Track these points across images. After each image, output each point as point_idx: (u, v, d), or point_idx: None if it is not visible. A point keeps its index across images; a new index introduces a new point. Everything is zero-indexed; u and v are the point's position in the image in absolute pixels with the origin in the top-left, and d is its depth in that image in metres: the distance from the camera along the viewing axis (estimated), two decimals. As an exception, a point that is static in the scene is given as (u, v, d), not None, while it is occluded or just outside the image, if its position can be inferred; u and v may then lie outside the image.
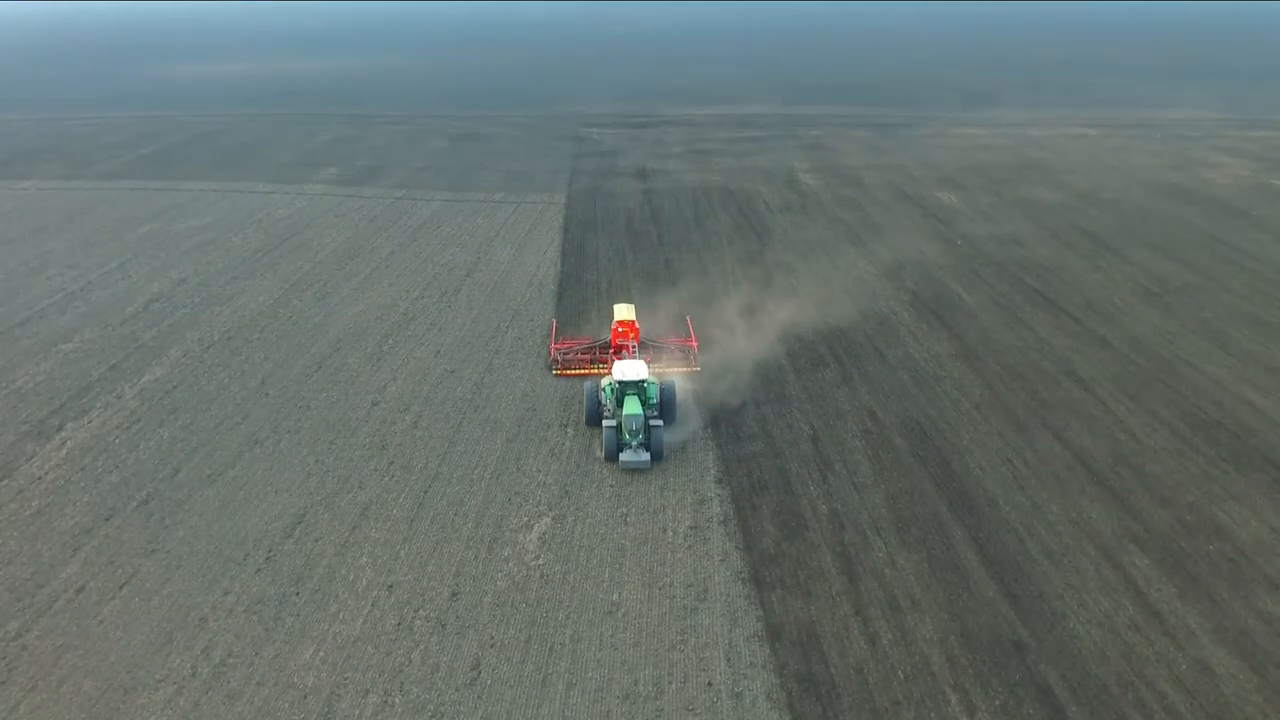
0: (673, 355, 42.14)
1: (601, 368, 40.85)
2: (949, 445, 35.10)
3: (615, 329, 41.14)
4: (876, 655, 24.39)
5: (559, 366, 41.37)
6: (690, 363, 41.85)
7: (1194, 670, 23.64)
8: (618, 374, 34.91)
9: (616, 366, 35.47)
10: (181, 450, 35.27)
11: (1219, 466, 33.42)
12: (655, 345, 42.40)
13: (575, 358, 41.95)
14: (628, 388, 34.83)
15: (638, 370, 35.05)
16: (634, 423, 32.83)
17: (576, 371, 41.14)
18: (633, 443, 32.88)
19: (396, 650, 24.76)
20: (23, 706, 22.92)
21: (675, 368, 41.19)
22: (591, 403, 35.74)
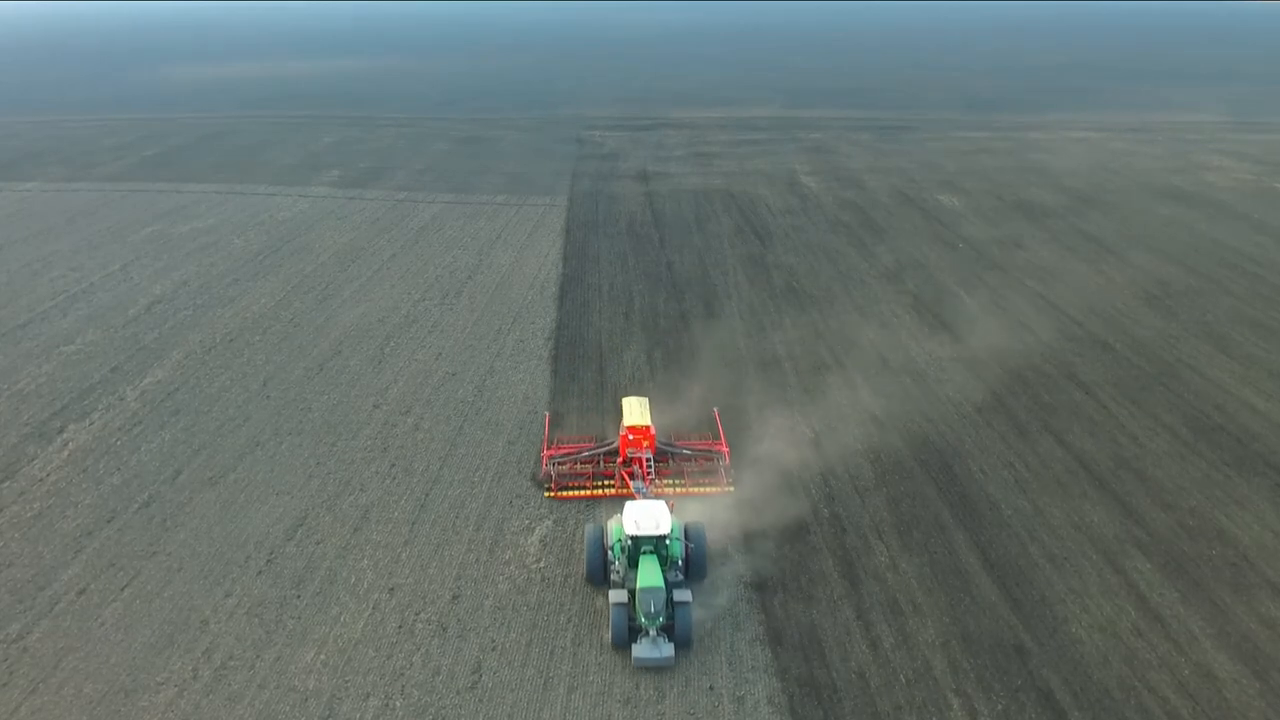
0: (696, 466, 32.81)
1: (607, 485, 31.72)
2: (950, 449, 35.06)
3: (625, 436, 32.17)
4: (878, 659, 24.35)
5: (553, 485, 31.76)
6: (720, 479, 32.17)
7: (1197, 675, 23.59)
8: (630, 525, 25.72)
9: (629, 512, 26.20)
10: (183, 452, 35.27)
11: (1221, 470, 33.36)
12: (674, 452, 33.19)
13: (573, 470, 32.36)
14: (643, 544, 25.82)
15: (657, 519, 25.77)
16: (652, 601, 23.92)
17: (575, 494, 31.35)
18: (651, 628, 23.87)
19: (398, 653, 24.74)
20: (24, 709, 22.91)
21: (702, 487, 31.73)
22: (594, 555, 26.65)
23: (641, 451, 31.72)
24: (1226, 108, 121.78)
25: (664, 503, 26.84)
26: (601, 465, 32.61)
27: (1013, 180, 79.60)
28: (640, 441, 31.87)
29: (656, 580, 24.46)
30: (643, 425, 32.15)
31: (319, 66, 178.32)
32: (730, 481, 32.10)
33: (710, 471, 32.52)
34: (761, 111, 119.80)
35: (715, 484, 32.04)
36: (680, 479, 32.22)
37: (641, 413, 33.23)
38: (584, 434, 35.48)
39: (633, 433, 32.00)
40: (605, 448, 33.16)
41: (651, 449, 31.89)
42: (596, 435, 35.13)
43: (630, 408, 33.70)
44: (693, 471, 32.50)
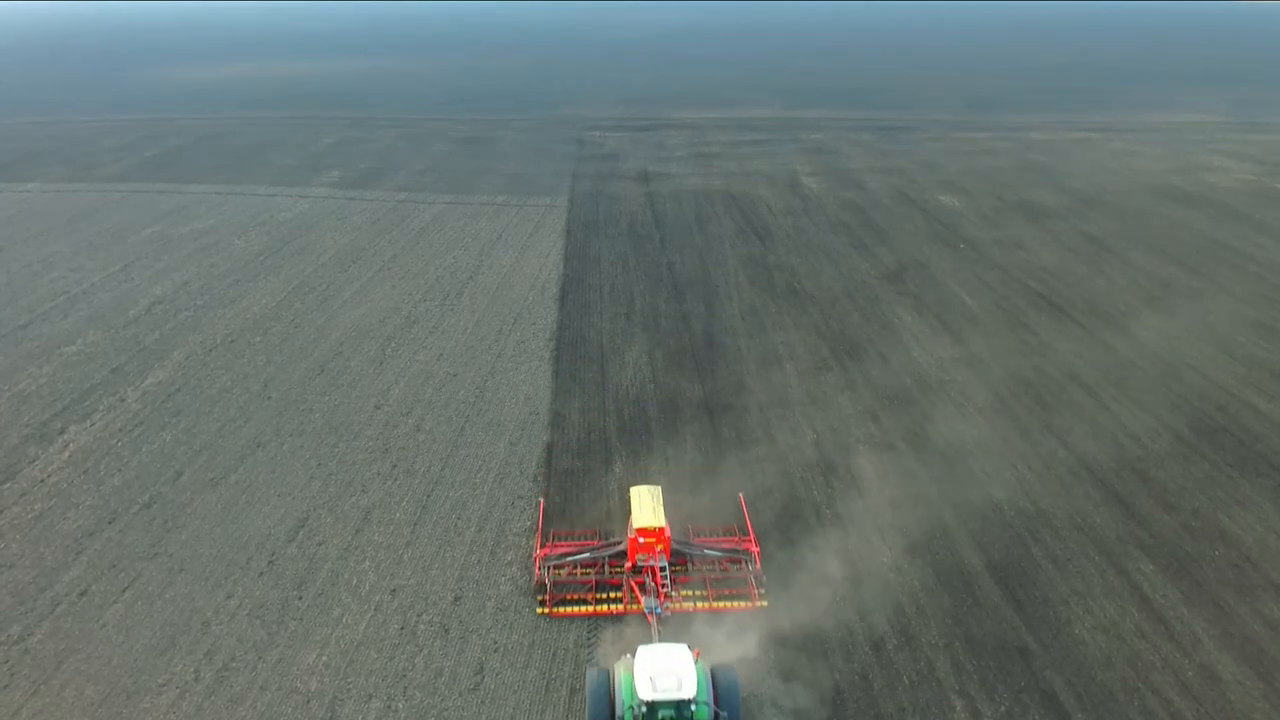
0: (721, 570, 27.49)
1: (614, 596, 26.37)
2: (952, 449, 35.02)
3: (635, 539, 26.57)
4: (881, 662, 24.30)
5: (548, 597, 26.06)
6: (749, 588, 26.63)
7: (1200, 677, 23.55)
8: (645, 686, 19.98)
9: (642, 665, 20.41)
10: (184, 453, 35.23)
11: (1224, 471, 33.33)
12: (694, 554, 27.68)
13: (572, 577, 26.87)
14: (661, 710, 19.91)
15: (679, 677, 19.97)
16: None
17: (574, 610, 25.88)
18: None
19: (399, 655, 24.70)
20: (25, 710, 22.87)
21: (729, 600, 26.27)
22: (598, 708, 20.89)
23: (654, 559, 26.10)
24: (1228, 108, 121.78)
25: (686, 650, 20.83)
26: (607, 572, 27.06)
27: (1013, 180, 79.58)
28: (653, 546, 26.23)
29: None
30: (655, 527, 26.25)
31: (318, 67, 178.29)
32: (763, 594, 26.25)
33: (737, 580, 26.88)
34: (762, 112, 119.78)
35: (744, 595, 26.31)
36: (702, 589, 26.53)
37: (654, 509, 26.95)
38: (586, 528, 29.84)
39: (644, 535, 26.26)
40: (611, 548, 27.59)
41: (666, 554, 26.40)
42: (600, 530, 29.63)
43: (640, 501, 27.44)
44: (716, 580, 26.92)
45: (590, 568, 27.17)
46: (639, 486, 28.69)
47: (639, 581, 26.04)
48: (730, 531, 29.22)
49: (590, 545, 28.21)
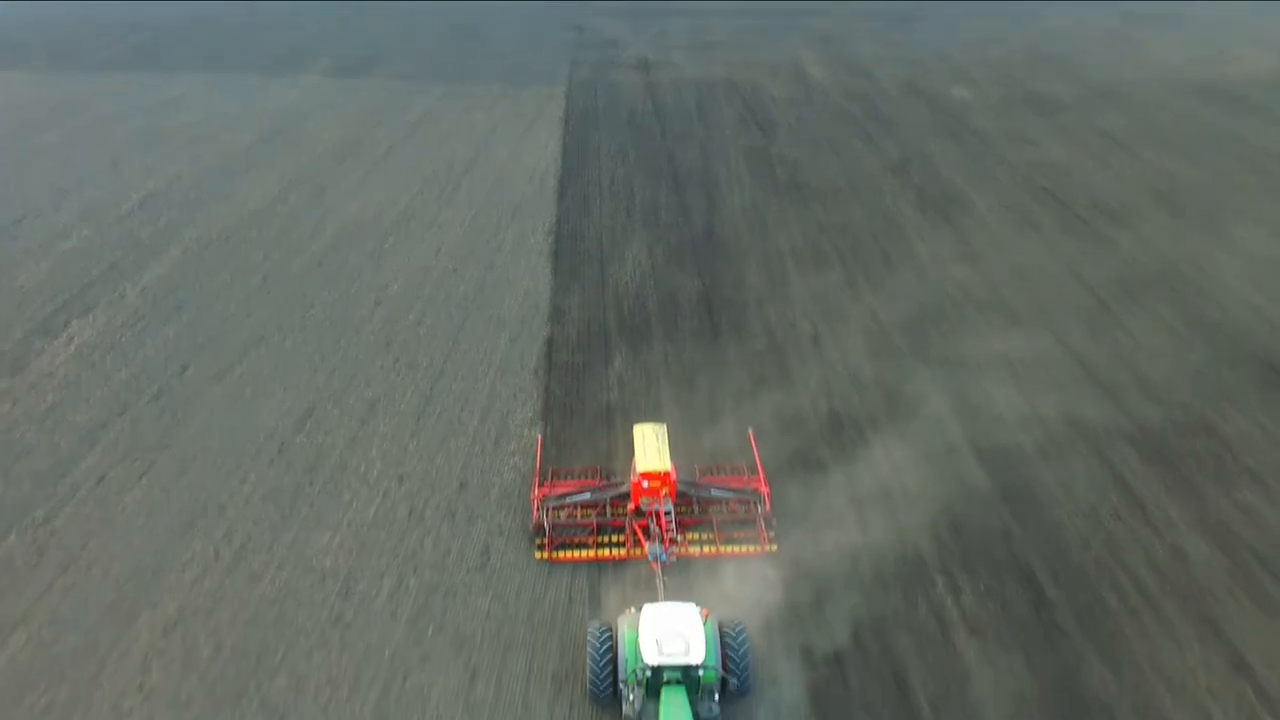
0: (728, 511, 26.22)
1: (617, 539, 25.14)
2: (949, 345, 35.39)
3: (638, 483, 25.14)
4: (869, 543, 25.36)
5: (546, 542, 24.86)
6: (759, 532, 25.38)
7: (1170, 556, 24.70)
8: (650, 650, 19.21)
9: (648, 626, 19.67)
10: (187, 348, 35.64)
11: (1214, 367, 33.79)
12: (700, 495, 26.30)
13: (572, 520, 25.77)
14: (668, 675, 19.20)
15: (686, 640, 19.26)
16: None
17: (575, 555, 24.70)
18: None
19: (409, 537, 25.82)
20: (57, 586, 24.11)
21: (737, 545, 24.97)
22: (600, 667, 20.01)
23: (659, 503, 24.63)
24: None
25: (695, 610, 20.00)
26: (609, 514, 25.94)
27: (1026, 72, 76.84)
28: (657, 490, 24.75)
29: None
30: (661, 470, 24.84)
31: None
32: (773, 537, 25.10)
33: (746, 522, 25.78)
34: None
35: (753, 540, 25.06)
36: (709, 532, 25.43)
37: (659, 450, 25.52)
38: (586, 465, 28.41)
39: (648, 479, 24.84)
40: (614, 489, 26.22)
41: (672, 497, 24.81)
42: (602, 467, 28.39)
43: (644, 442, 25.95)
44: (724, 522, 25.77)
45: (591, 509, 25.87)
46: (643, 425, 27.04)
47: (642, 525, 24.63)
48: (738, 471, 27.59)
49: (591, 485, 26.62)
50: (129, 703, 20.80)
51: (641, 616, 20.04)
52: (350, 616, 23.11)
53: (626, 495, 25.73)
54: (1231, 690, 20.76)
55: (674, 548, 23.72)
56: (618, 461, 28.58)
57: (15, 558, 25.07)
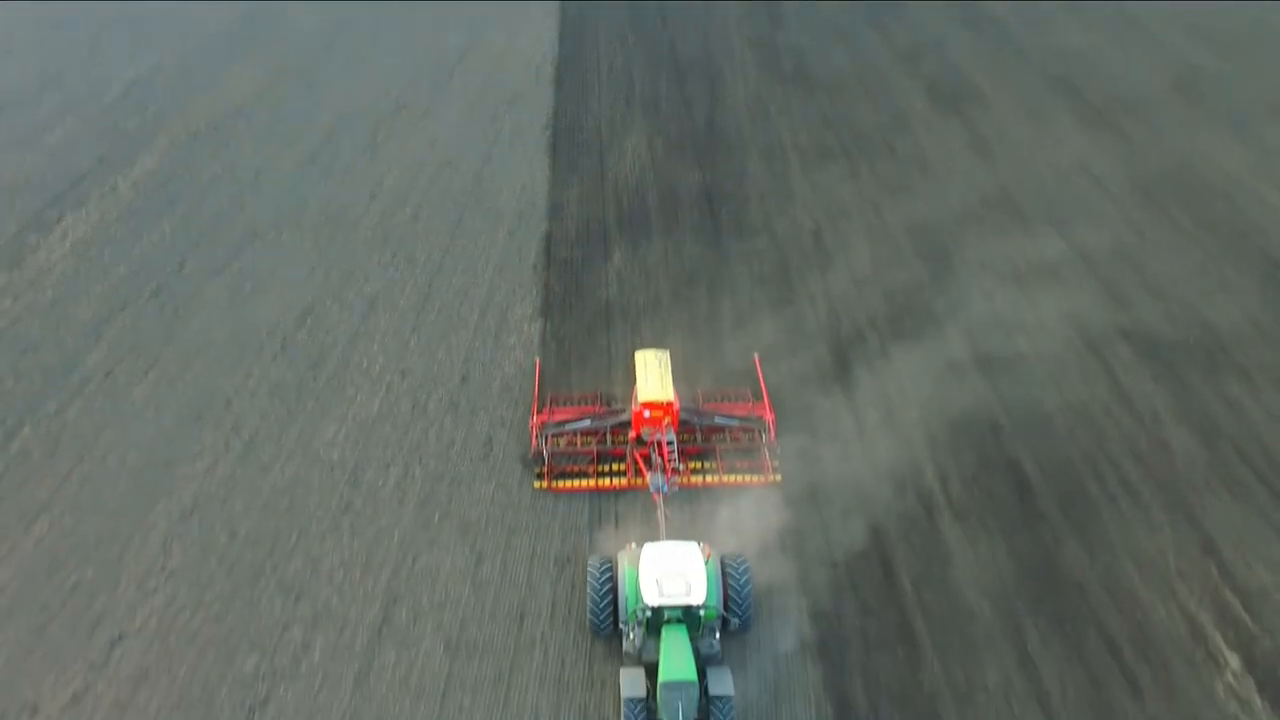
0: (732, 438, 25.48)
1: (617, 468, 24.68)
2: (950, 239, 35.10)
3: (640, 413, 24.32)
4: (864, 439, 26.01)
5: (546, 470, 24.47)
6: (763, 462, 24.87)
7: (1153, 447, 25.40)
8: (651, 591, 18.88)
9: (648, 565, 19.29)
10: (183, 243, 35.41)
11: (1217, 262, 33.64)
12: (702, 423, 25.55)
13: (571, 447, 25.10)
14: (669, 615, 18.99)
15: (688, 580, 18.93)
16: (681, 701, 17.49)
17: (575, 485, 24.32)
18: None
19: (414, 428, 26.48)
20: (74, 475, 24.95)
21: (740, 474, 24.58)
22: (600, 600, 19.84)
23: (661, 433, 24.00)
24: None
25: (696, 550, 19.66)
26: (609, 442, 25.24)
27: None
28: (659, 419, 24.08)
29: (686, 672, 17.58)
30: (663, 400, 24.09)
31: None
32: (777, 467, 24.63)
33: (750, 450, 25.16)
34: None
35: (756, 469, 24.70)
36: (711, 460, 25.02)
37: (662, 378, 24.75)
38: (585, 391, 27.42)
39: (650, 409, 24.10)
40: (614, 417, 25.46)
41: (674, 427, 24.15)
42: (602, 392, 27.42)
43: (646, 369, 25.13)
44: (727, 451, 25.17)
45: (591, 436, 25.13)
46: (644, 351, 26.12)
47: (643, 454, 24.07)
48: (743, 397, 26.70)
49: (591, 412, 25.88)
50: (153, 582, 21.92)
51: (642, 555, 19.50)
52: (359, 504, 24.03)
53: (627, 423, 24.78)
54: (1198, 569, 21.82)
55: (676, 478, 23.13)
56: (618, 371, 28.40)
57: (32, 449, 25.81)
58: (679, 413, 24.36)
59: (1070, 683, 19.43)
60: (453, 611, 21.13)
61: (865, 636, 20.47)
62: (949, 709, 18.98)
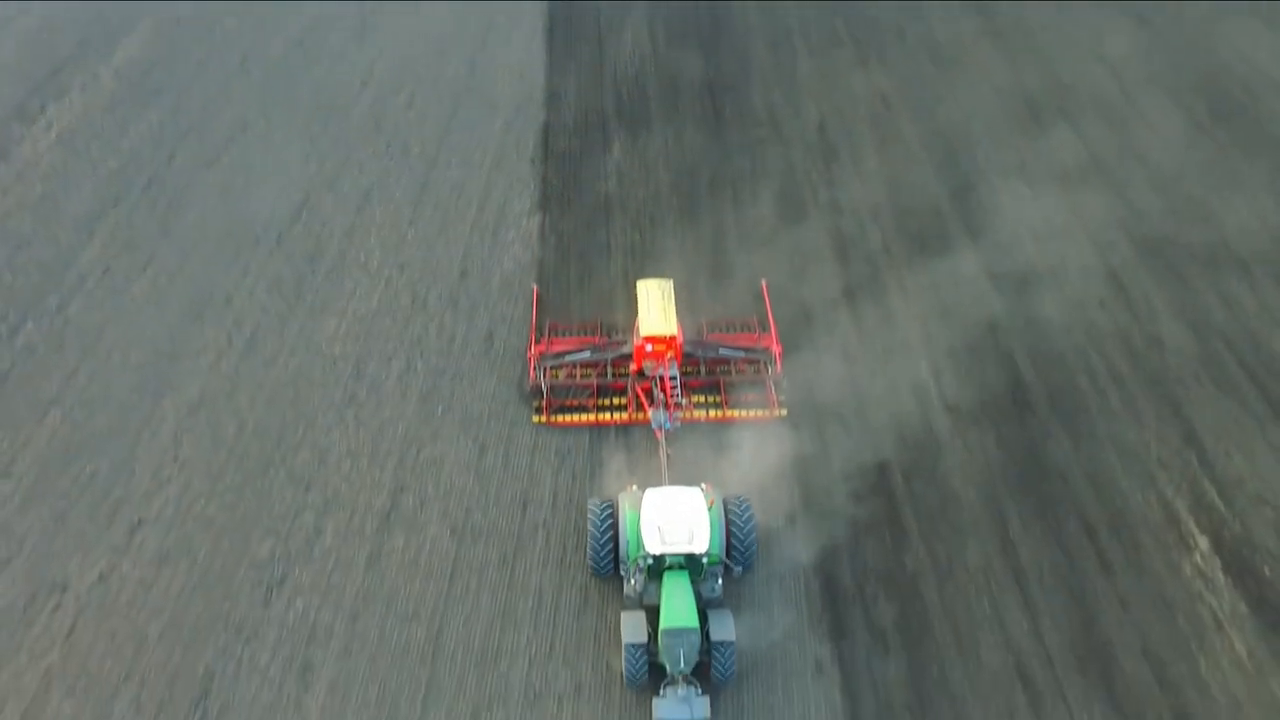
0: (737, 370, 24.70)
1: (617, 402, 23.97)
2: (958, 133, 34.19)
3: (641, 347, 23.42)
4: (862, 334, 26.19)
5: (544, 404, 23.72)
6: (768, 395, 24.07)
7: (1146, 342, 25.63)
8: (653, 538, 18.51)
9: (650, 512, 18.91)
10: (172, 134, 34.55)
11: (1227, 154, 32.88)
12: (707, 356, 24.64)
13: (571, 380, 24.28)
14: (670, 560, 18.65)
15: (690, 529, 18.56)
16: (682, 647, 17.34)
17: (575, 420, 23.61)
18: (678, 672, 17.41)
19: (414, 323, 26.65)
20: (81, 370, 25.30)
21: (745, 409, 23.85)
22: (601, 542, 19.62)
23: (664, 367, 23.11)
24: None
25: (699, 495, 19.21)
26: (610, 374, 24.44)
27: None
28: (662, 353, 23.14)
29: (688, 619, 17.44)
30: (666, 335, 23.15)
31: None
32: (783, 401, 23.89)
33: (755, 383, 24.30)
34: None
35: (761, 403, 23.89)
36: (714, 395, 24.25)
37: (664, 310, 23.76)
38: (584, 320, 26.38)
39: (653, 343, 23.19)
40: (615, 349, 24.49)
41: (677, 361, 23.31)
42: (603, 321, 26.45)
43: (648, 301, 24.04)
44: (732, 384, 24.43)
45: (591, 369, 24.32)
46: (647, 281, 24.85)
47: (645, 388, 23.25)
48: (749, 326, 25.67)
49: (591, 342, 24.92)
50: (167, 472, 22.63)
51: (644, 501, 19.09)
52: (363, 397, 24.49)
53: (629, 356, 23.92)
54: (1179, 459, 22.49)
55: (679, 413, 22.41)
56: (616, 265, 27.85)
57: (36, 344, 26.07)
58: (682, 346, 23.54)
59: (1047, 563, 20.39)
60: (458, 499, 21.92)
61: (855, 523, 21.30)
62: (930, 586, 20.01)
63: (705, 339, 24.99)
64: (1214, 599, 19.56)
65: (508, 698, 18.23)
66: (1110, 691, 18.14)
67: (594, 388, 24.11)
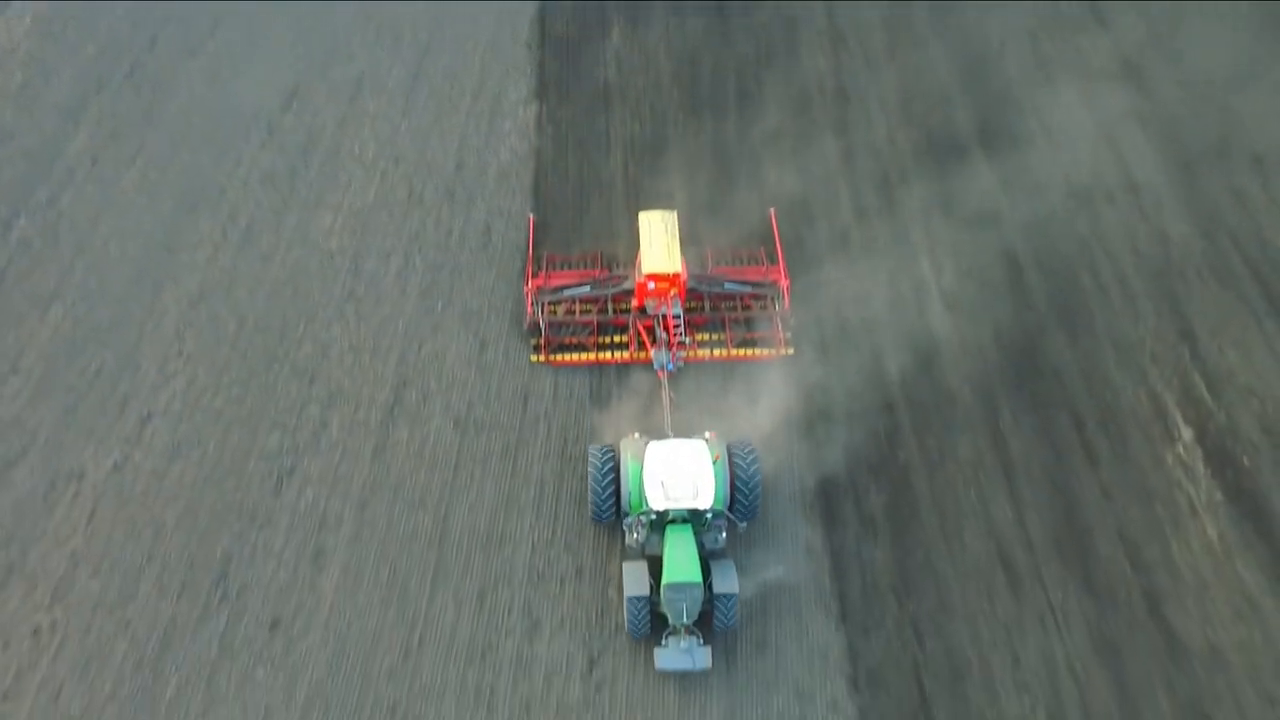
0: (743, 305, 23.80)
1: (618, 340, 23.12)
2: (972, 23, 32.55)
3: (644, 284, 22.60)
4: (862, 226, 25.92)
5: (543, 342, 22.87)
6: (775, 331, 23.19)
7: (1152, 238, 25.38)
8: (656, 494, 18.18)
9: (653, 466, 18.50)
10: (151, 19, 32.95)
11: (1259, 45, 31.39)
12: (712, 290, 23.56)
13: (570, 316, 23.35)
14: (673, 513, 18.34)
15: (695, 483, 18.17)
16: (685, 601, 17.42)
17: (575, 359, 22.88)
18: (680, 624, 17.47)
19: (411, 218, 26.34)
20: (78, 264, 25.21)
21: (751, 348, 23.02)
22: (602, 487, 19.26)
23: (667, 305, 22.27)
24: None
25: (704, 448, 18.75)
26: (611, 311, 23.47)
27: None
28: (665, 290, 22.27)
29: (690, 574, 17.32)
30: (669, 273, 22.24)
31: None
32: (789, 339, 22.97)
33: (762, 321, 23.38)
34: None
35: (768, 340, 23.02)
36: (719, 333, 23.33)
37: (668, 246, 22.60)
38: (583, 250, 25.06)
39: (655, 280, 22.29)
40: (617, 284, 23.43)
41: (681, 298, 22.42)
42: (604, 252, 25.12)
43: (650, 235, 22.89)
44: (736, 321, 23.54)
45: (592, 304, 23.46)
46: (649, 213, 23.55)
47: (647, 325, 22.50)
48: (755, 259, 24.46)
49: (592, 275, 23.89)
50: (172, 366, 22.93)
51: (647, 454, 18.65)
52: (362, 292, 24.51)
53: (630, 291, 23.02)
54: (1171, 354, 22.69)
55: (681, 353, 21.95)
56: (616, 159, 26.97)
57: (31, 239, 25.86)
58: (686, 283, 22.58)
59: (1035, 457, 20.97)
60: (459, 393, 22.31)
61: (850, 417, 21.73)
62: (920, 477, 20.65)
63: (710, 272, 23.83)
64: (1192, 487, 20.21)
65: (511, 579, 19.13)
66: (1085, 574, 19.02)
67: (594, 325, 23.18)
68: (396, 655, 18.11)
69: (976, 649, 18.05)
